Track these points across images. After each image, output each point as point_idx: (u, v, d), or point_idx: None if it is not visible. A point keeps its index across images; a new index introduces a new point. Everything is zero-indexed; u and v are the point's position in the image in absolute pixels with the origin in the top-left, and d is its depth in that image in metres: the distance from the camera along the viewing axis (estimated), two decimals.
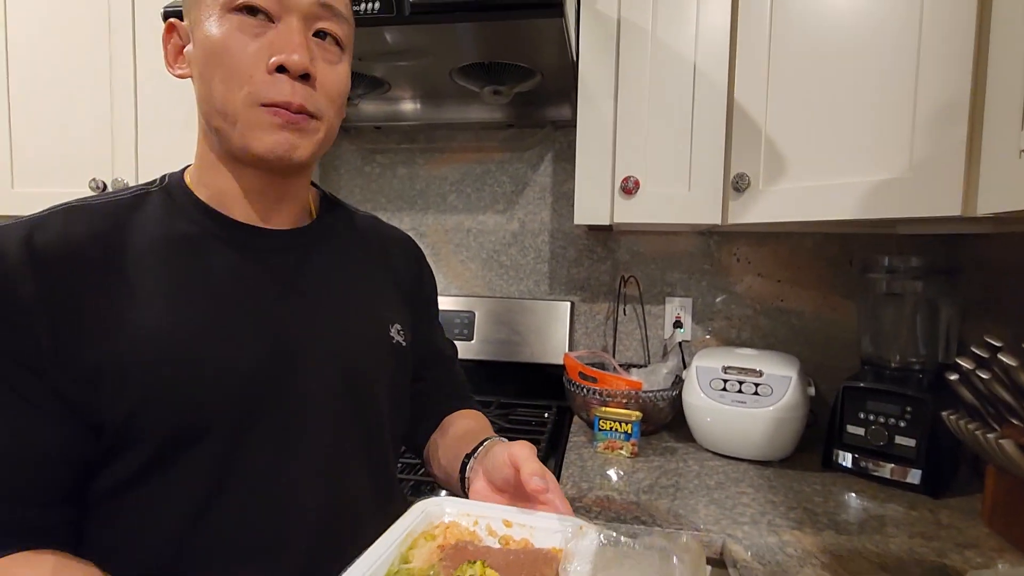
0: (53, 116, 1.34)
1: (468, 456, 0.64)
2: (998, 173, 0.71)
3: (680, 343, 1.36)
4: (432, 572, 0.44)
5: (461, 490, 0.63)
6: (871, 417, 1.01)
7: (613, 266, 1.44)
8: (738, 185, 1.02)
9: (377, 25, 0.94)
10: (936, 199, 0.78)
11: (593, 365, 1.26)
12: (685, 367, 1.22)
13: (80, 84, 1.32)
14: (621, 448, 1.10)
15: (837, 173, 0.90)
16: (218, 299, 0.53)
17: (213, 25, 0.51)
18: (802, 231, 1.34)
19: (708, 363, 1.13)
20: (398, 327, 0.66)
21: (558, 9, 0.89)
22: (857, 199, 0.87)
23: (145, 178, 1.29)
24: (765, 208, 1.00)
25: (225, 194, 0.57)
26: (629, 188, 1.09)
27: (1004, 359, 0.74)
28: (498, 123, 1.43)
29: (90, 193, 1.29)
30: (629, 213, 1.10)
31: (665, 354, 1.39)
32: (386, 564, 0.44)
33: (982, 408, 0.80)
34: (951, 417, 0.83)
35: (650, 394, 1.15)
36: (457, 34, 1.01)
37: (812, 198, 0.94)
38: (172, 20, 0.56)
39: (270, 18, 0.52)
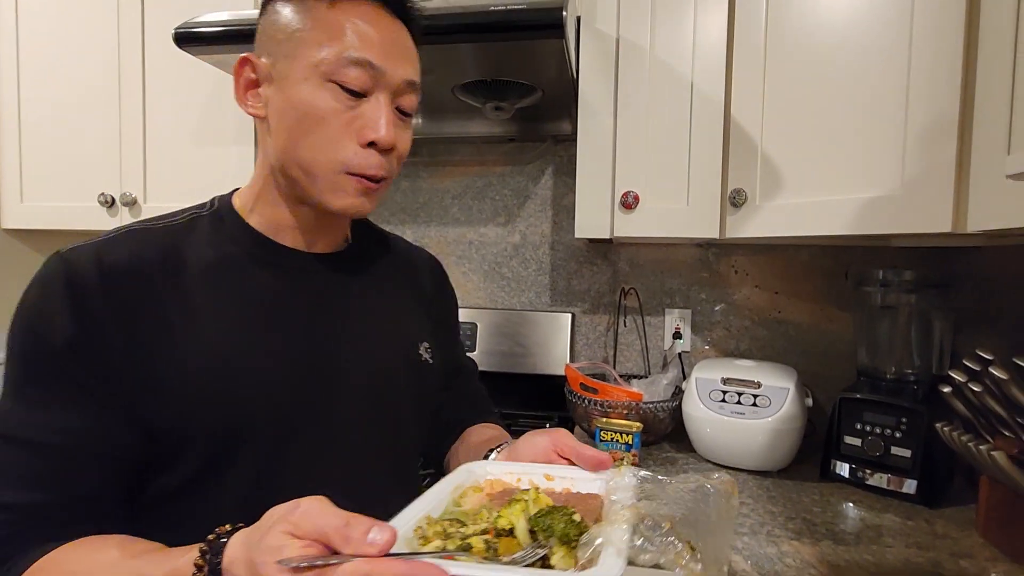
0: (62, 131, 1.37)
1: (491, 450, 0.63)
2: (987, 192, 0.73)
3: (680, 354, 1.38)
4: (484, 511, 0.45)
5: None
6: (867, 428, 1.03)
7: (613, 277, 1.46)
8: (735, 200, 1.05)
9: None
10: (927, 216, 0.80)
11: (594, 376, 1.28)
12: (685, 378, 1.24)
13: (89, 101, 1.34)
14: (622, 459, 1.12)
15: (831, 189, 0.92)
16: (263, 318, 0.57)
17: (309, 89, 0.54)
18: (798, 244, 1.36)
19: (707, 374, 1.15)
20: (426, 345, 0.70)
21: (559, 30, 0.91)
22: (850, 215, 0.90)
23: (153, 192, 1.32)
24: (762, 223, 1.03)
25: (279, 225, 0.60)
26: (629, 203, 1.11)
27: (995, 372, 0.76)
28: (499, 137, 1.46)
29: (98, 206, 1.31)
30: (629, 227, 1.13)
31: (665, 365, 1.41)
32: (440, 507, 0.47)
33: (975, 420, 0.82)
34: (945, 429, 0.84)
35: (650, 405, 1.17)
36: (460, 53, 1.04)
37: (807, 213, 0.96)
38: (248, 56, 0.57)
39: (360, 92, 0.55)
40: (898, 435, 1.00)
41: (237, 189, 0.64)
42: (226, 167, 1.27)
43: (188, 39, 1.04)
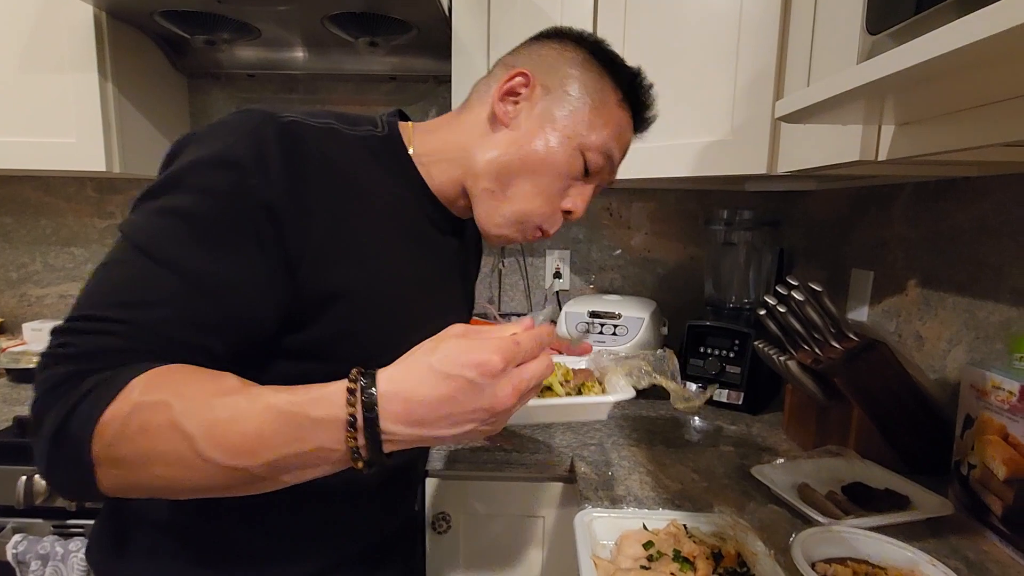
0: None
1: None
2: (791, 138, 0.83)
3: (558, 292, 1.47)
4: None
5: None
6: (709, 351, 1.17)
7: None
8: None
9: None
10: (748, 159, 0.90)
11: (476, 316, 1.33)
12: None
13: None
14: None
15: (677, 135, 1.00)
16: (422, 275, 0.61)
17: (559, 148, 0.60)
18: (666, 188, 1.46)
19: (576, 309, 1.24)
20: (466, 310, 0.79)
21: None
22: (693, 158, 0.99)
23: None
24: (622, 165, 1.09)
25: (443, 189, 0.63)
26: None
27: (795, 295, 0.89)
28: (380, 75, 1.42)
29: None
30: None
31: (545, 303, 1.50)
32: None
33: (783, 337, 0.96)
34: (759, 345, 0.98)
35: None
36: None
37: (658, 157, 1.04)
38: (529, 72, 0.61)
39: (589, 173, 0.62)
40: (731, 355, 1.15)
41: (398, 118, 0.64)
42: (64, 96, 1.14)
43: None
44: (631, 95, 0.64)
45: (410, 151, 0.61)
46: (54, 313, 1.52)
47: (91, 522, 0.71)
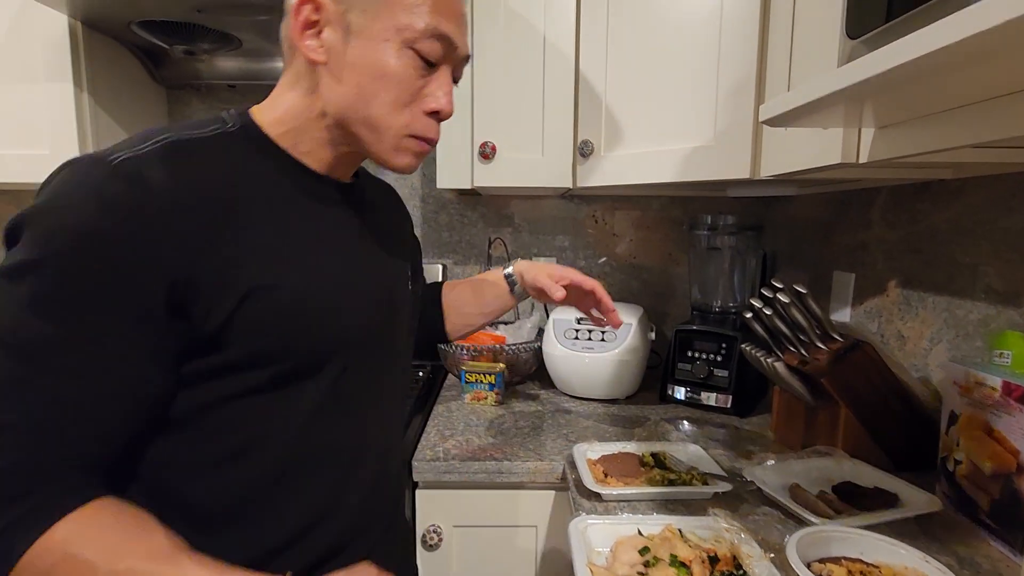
0: None
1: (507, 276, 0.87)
2: (772, 144, 0.84)
3: None
4: None
5: (510, 285, 0.87)
6: (696, 355, 1.18)
7: (483, 229, 1.51)
8: (584, 151, 1.12)
9: None
10: (731, 164, 0.91)
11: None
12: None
13: None
14: (486, 398, 1.19)
15: (661, 141, 1.02)
16: (330, 248, 0.58)
17: (390, 52, 0.55)
18: (650, 195, 1.48)
19: (564, 315, 1.24)
20: (409, 272, 0.74)
21: None
22: (676, 164, 1.00)
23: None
24: (606, 172, 1.11)
25: (321, 161, 0.60)
26: (486, 153, 1.15)
27: (780, 298, 0.90)
28: None
29: None
30: (488, 177, 1.16)
31: (532, 310, 1.50)
32: None
33: (769, 340, 0.97)
34: (746, 348, 0.99)
35: (513, 347, 1.24)
36: None
37: (643, 163, 1.05)
38: None
39: (435, 62, 0.57)
40: (719, 359, 1.15)
41: (249, 108, 0.59)
42: (37, 107, 1.12)
43: None
44: None
45: (269, 135, 0.58)
46: None
47: None
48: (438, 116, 0.59)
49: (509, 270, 0.88)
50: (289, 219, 0.55)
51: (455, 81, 0.62)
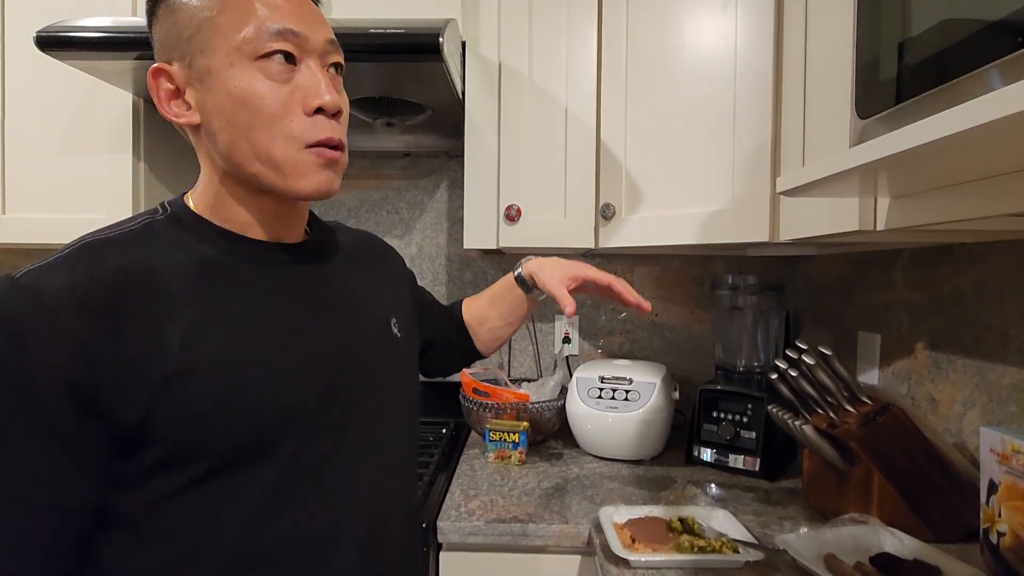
0: None
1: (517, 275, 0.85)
2: (790, 208, 0.87)
3: (567, 357, 1.47)
4: None
5: (525, 290, 0.85)
6: (722, 415, 1.17)
7: None
8: (605, 213, 1.16)
9: None
10: (750, 227, 0.94)
11: (487, 381, 1.34)
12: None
13: None
14: (510, 457, 1.18)
15: (680, 205, 1.05)
16: (262, 317, 0.54)
17: (239, 75, 0.51)
18: (670, 254, 1.51)
19: (587, 374, 1.24)
20: (394, 320, 0.69)
21: (437, 54, 0.97)
22: (696, 226, 1.03)
23: (14, 208, 1.23)
24: (628, 234, 1.14)
25: (246, 224, 0.57)
26: (512, 215, 1.19)
27: (806, 359, 0.90)
28: (395, 152, 1.50)
29: None
30: (513, 238, 1.21)
31: (555, 368, 1.50)
32: None
33: (796, 402, 0.96)
34: (773, 409, 0.98)
35: (537, 405, 1.25)
36: (347, 70, 1.07)
37: (663, 226, 1.08)
38: (158, 65, 0.54)
39: (291, 61, 0.53)
40: (745, 420, 1.14)
41: (183, 195, 0.59)
42: (98, 176, 1.21)
43: (53, 43, 1.00)
44: None
45: (199, 213, 0.57)
46: None
47: None
48: (326, 112, 0.54)
49: (519, 271, 0.85)
50: (217, 297, 0.52)
51: (337, 69, 0.58)
